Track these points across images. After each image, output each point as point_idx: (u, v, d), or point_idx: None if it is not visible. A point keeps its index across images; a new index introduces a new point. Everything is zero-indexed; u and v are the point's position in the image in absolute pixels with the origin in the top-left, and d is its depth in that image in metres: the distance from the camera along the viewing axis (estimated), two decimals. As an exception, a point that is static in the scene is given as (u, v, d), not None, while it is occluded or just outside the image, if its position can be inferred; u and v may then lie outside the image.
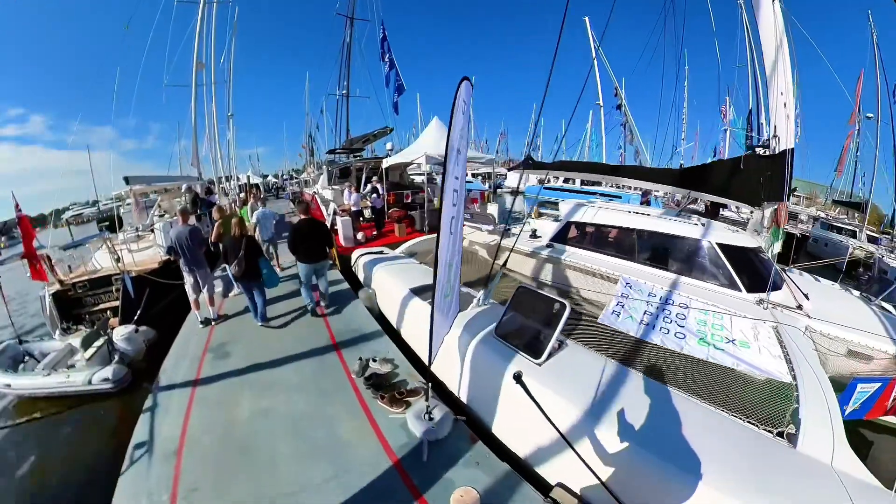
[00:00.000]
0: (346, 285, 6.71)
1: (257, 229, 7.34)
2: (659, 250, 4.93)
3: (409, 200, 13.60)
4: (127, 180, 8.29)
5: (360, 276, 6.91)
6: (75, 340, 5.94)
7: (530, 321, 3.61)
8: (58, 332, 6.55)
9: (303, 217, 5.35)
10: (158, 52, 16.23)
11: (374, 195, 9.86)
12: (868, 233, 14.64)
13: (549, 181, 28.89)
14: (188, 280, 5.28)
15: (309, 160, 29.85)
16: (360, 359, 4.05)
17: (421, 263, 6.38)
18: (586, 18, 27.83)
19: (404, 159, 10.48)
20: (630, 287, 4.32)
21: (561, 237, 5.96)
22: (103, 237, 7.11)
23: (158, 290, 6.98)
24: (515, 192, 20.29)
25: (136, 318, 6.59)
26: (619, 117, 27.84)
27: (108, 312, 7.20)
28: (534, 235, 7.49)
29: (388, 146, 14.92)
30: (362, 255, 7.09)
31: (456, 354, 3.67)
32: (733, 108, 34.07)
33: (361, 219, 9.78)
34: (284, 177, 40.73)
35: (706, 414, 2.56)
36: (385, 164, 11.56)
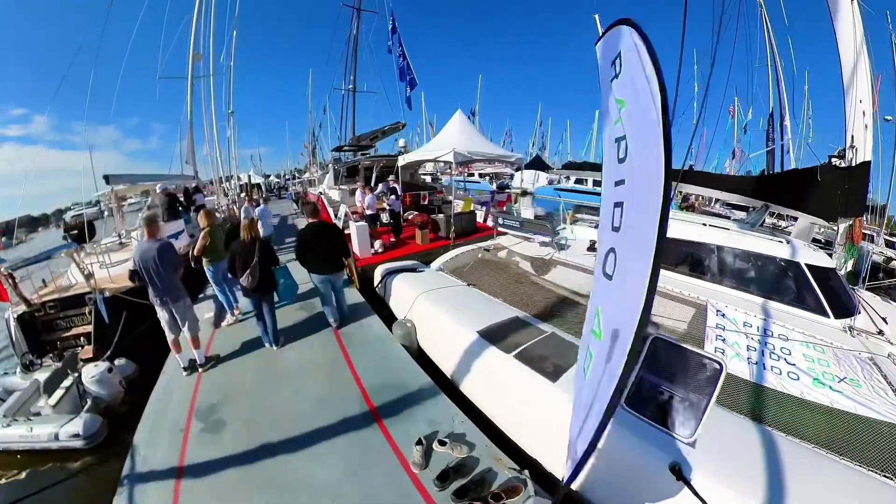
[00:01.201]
0: (374, 320, 5.08)
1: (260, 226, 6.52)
2: (741, 270, 4.36)
3: (426, 202, 12.33)
4: (107, 179, 6.94)
5: (390, 302, 5.57)
6: (43, 375, 4.66)
7: (670, 383, 2.48)
8: (19, 369, 5.24)
9: (311, 221, 4.54)
10: (152, 43, 14.86)
11: (393, 197, 8.55)
12: (885, 237, 13.82)
13: (559, 181, 27.87)
14: (162, 315, 3.89)
15: (311, 159, 28.41)
16: (421, 442, 2.71)
17: (469, 286, 5.15)
18: (596, 16, 26.66)
19: (426, 156, 9.17)
20: (724, 316, 3.76)
21: None
22: (70, 249, 5.73)
23: (141, 310, 5.68)
24: (524, 193, 19.07)
25: (112, 347, 5.33)
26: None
27: (83, 339, 5.89)
28: (592, 248, 6.27)
29: (401, 143, 13.64)
30: (390, 272, 5.77)
31: (556, 422, 2.56)
32: (741, 109, 33.07)
33: (378, 224, 8.46)
34: (287, 176, 39.17)
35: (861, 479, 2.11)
36: (401, 161, 10.24)
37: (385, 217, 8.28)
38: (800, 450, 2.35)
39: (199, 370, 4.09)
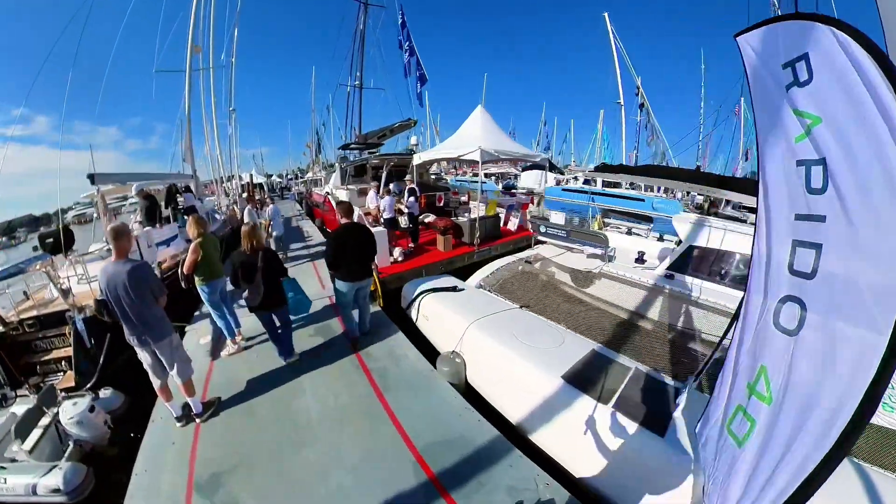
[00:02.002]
0: (410, 351, 4.16)
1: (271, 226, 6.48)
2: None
3: (441, 203, 11.48)
4: (92, 179, 6.06)
5: (426, 327, 4.70)
6: (20, 409, 3.84)
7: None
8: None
9: (346, 222, 4.01)
10: (151, 41, 13.97)
11: (412, 199, 7.69)
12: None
13: (567, 182, 27.05)
14: (143, 357, 2.99)
15: (314, 159, 27.49)
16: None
17: (522, 308, 4.32)
18: (606, 14, 25.87)
19: (447, 154, 8.29)
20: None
21: (680, 265, 4.79)
22: (44, 262, 4.83)
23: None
24: (531, 194, 18.22)
25: (96, 375, 4.50)
26: (641, 117, 25.79)
27: (64, 364, 5.04)
28: (640, 260, 5.43)
29: (413, 140, 12.78)
30: (424, 291, 4.87)
31: (663, 485, 2.25)
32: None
33: (394, 228, 7.60)
34: (289, 176, 38.13)
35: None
36: (416, 160, 9.38)
37: (403, 221, 7.44)
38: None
39: (197, 420, 3.21)
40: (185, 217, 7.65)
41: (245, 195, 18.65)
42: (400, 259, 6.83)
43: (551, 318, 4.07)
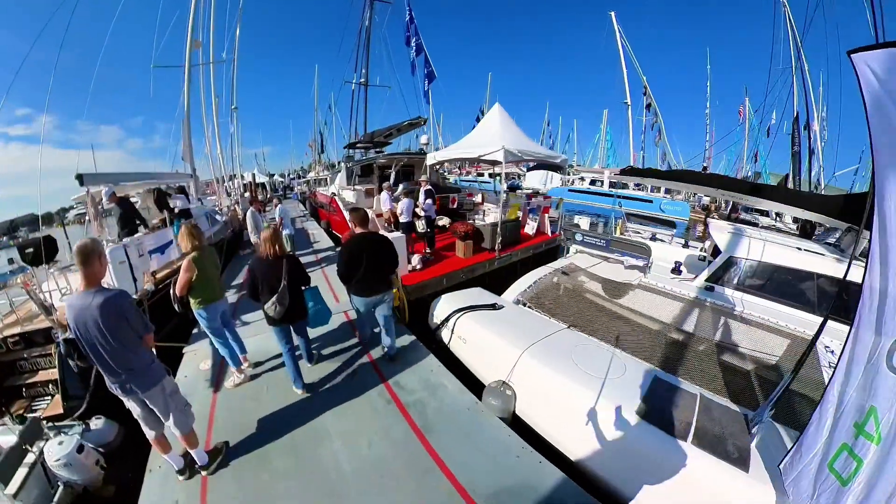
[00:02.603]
0: (450, 380, 3.58)
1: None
2: (847, 304, 3.34)
3: (455, 205, 10.91)
4: (80, 179, 5.47)
5: (464, 352, 4.10)
6: (5, 438, 3.29)
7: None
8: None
9: (360, 231, 3.58)
10: (150, 33, 13.31)
11: (429, 201, 7.11)
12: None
13: (572, 183, 26.52)
14: (131, 407, 2.37)
15: (317, 158, 26.82)
16: None
17: (569, 327, 3.83)
18: (612, 14, 25.33)
19: (466, 154, 7.71)
20: (833, 353, 3.16)
21: (720, 277, 4.56)
22: (24, 275, 4.22)
23: None
24: (536, 195, 17.68)
25: (86, 403, 3.89)
26: (648, 117, 25.27)
27: (51, 387, 4.46)
28: (676, 270, 4.99)
29: (423, 139, 12.14)
30: (461, 311, 4.25)
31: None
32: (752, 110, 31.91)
33: (411, 233, 7.02)
34: (291, 176, 37.35)
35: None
36: (430, 160, 8.79)
37: (420, 225, 6.87)
38: None
39: (202, 473, 2.64)
40: (180, 221, 7.05)
41: (248, 195, 18.08)
42: (419, 267, 6.26)
43: (601, 337, 3.68)
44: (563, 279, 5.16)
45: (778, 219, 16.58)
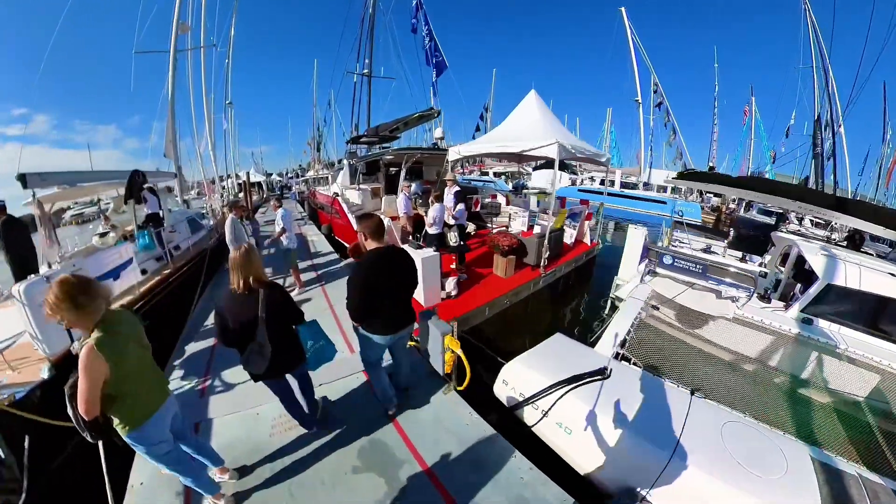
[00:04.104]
0: (549, 487, 2.21)
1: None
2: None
3: (479, 209, 9.40)
4: (24, 181, 4.03)
5: (564, 448, 2.63)
6: None
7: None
8: None
9: (376, 247, 2.44)
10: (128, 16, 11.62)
11: (461, 206, 5.59)
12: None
13: (582, 182, 25.10)
14: None
15: (315, 156, 25.10)
16: None
17: (693, 394, 2.76)
18: (622, 9, 23.86)
19: (504, 148, 6.15)
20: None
21: (816, 308, 3.92)
22: None
23: (57, 434, 2.73)
24: (546, 195, 16.18)
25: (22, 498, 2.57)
26: (659, 116, 23.87)
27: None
28: (765, 297, 4.34)
29: (438, 133, 10.62)
30: (560, 386, 2.73)
31: None
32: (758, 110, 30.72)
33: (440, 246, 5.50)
34: (289, 175, 35.38)
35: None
36: (453, 155, 7.28)
37: (453, 237, 5.33)
38: None
39: None
40: (146, 230, 5.46)
41: (241, 195, 16.32)
42: (454, 293, 4.77)
43: (728, 403, 2.90)
44: (653, 315, 3.94)
45: (815, 226, 15.20)
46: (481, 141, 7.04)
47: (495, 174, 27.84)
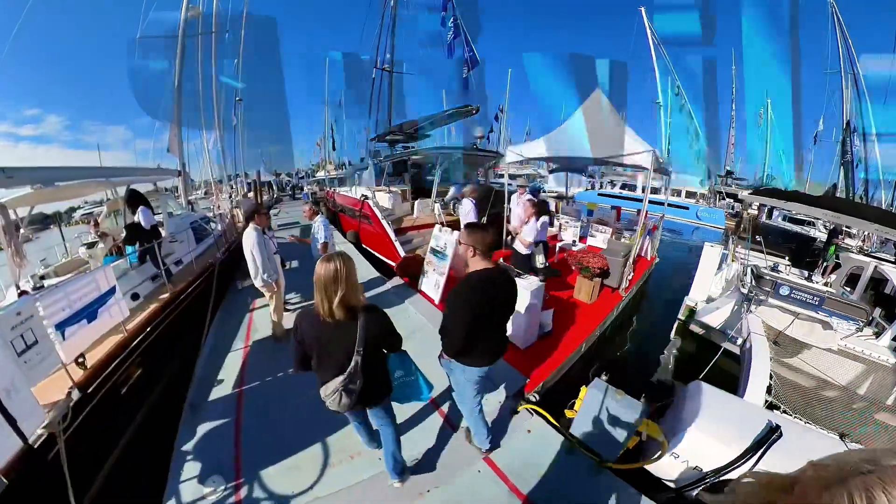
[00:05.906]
0: None
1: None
2: None
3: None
4: None
5: None
6: None
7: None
8: None
9: (487, 267, 1.91)
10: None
11: (544, 219, 4.32)
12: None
13: (602, 186, 23.89)
14: None
15: (327, 157, 23.85)
16: None
17: (844, 440, 2.37)
18: (642, 9, 22.64)
19: (582, 152, 4.83)
20: None
21: None
22: None
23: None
24: (563, 199, 14.93)
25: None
26: (681, 119, 22.66)
27: None
28: (869, 323, 3.70)
29: (478, 132, 9.39)
30: (744, 461, 1.92)
31: None
32: (772, 113, 29.47)
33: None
34: (300, 174, 33.94)
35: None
36: (510, 157, 6.06)
37: (540, 259, 4.06)
38: None
39: None
40: (135, 248, 4.17)
41: (251, 195, 15.02)
42: (549, 329, 3.52)
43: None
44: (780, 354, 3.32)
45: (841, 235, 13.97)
46: (541, 142, 5.78)
47: (511, 176, 26.56)
